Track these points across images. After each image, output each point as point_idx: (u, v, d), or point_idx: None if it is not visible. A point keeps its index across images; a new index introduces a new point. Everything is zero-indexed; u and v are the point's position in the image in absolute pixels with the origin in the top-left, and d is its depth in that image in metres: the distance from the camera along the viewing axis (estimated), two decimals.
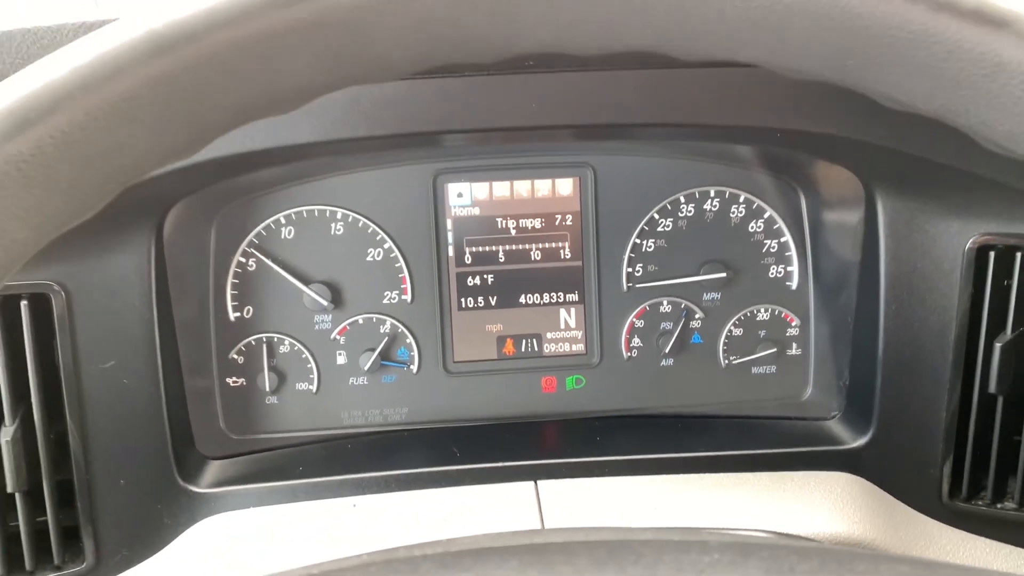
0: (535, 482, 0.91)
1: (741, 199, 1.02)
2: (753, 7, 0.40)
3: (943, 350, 0.88)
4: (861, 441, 0.93)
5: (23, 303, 0.82)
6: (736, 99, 0.83)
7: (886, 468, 0.93)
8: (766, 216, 1.02)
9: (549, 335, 1.04)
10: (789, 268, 1.03)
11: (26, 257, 0.39)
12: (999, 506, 0.90)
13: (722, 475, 0.91)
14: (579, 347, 1.04)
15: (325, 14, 0.38)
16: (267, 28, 0.38)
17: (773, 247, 1.02)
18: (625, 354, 1.04)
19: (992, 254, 0.85)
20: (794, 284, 1.03)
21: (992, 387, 0.85)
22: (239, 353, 1.00)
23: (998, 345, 0.84)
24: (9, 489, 0.82)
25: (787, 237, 1.02)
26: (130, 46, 0.37)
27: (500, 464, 0.92)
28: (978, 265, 0.86)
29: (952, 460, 0.90)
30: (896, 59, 0.41)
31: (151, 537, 0.89)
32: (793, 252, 1.02)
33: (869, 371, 0.93)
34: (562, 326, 1.04)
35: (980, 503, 0.90)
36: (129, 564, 0.88)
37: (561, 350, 1.04)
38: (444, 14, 0.39)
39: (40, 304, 0.84)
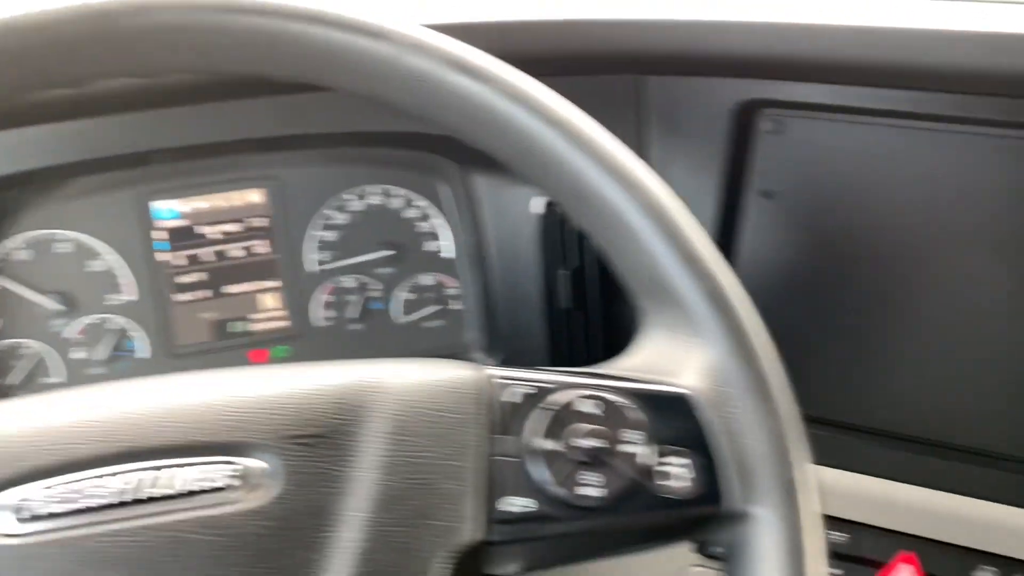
0: None
1: (400, 192, 1.30)
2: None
3: (533, 282, 1.18)
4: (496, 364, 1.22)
5: None
6: (337, 111, 1.11)
7: None
8: (418, 204, 1.30)
9: (257, 316, 1.28)
10: (443, 243, 1.31)
11: None
12: None
13: None
14: (283, 323, 1.29)
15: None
16: None
17: (427, 228, 1.31)
18: (322, 324, 1.29)
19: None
20: (447, 254, 1.32)
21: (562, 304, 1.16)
22: None
23: (562, 272, 1.15)
24: None
25: (438, 219, 1.31)
26: None
27: None
28: (547, 221, 1.17)
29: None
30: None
31: None
32: (445, 230, 1.31)
33: (492, 312, 1.22)
34: (268, 307, 1.28)
35: None
36: None
37: (268, 327, 1.29)
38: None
39: None
